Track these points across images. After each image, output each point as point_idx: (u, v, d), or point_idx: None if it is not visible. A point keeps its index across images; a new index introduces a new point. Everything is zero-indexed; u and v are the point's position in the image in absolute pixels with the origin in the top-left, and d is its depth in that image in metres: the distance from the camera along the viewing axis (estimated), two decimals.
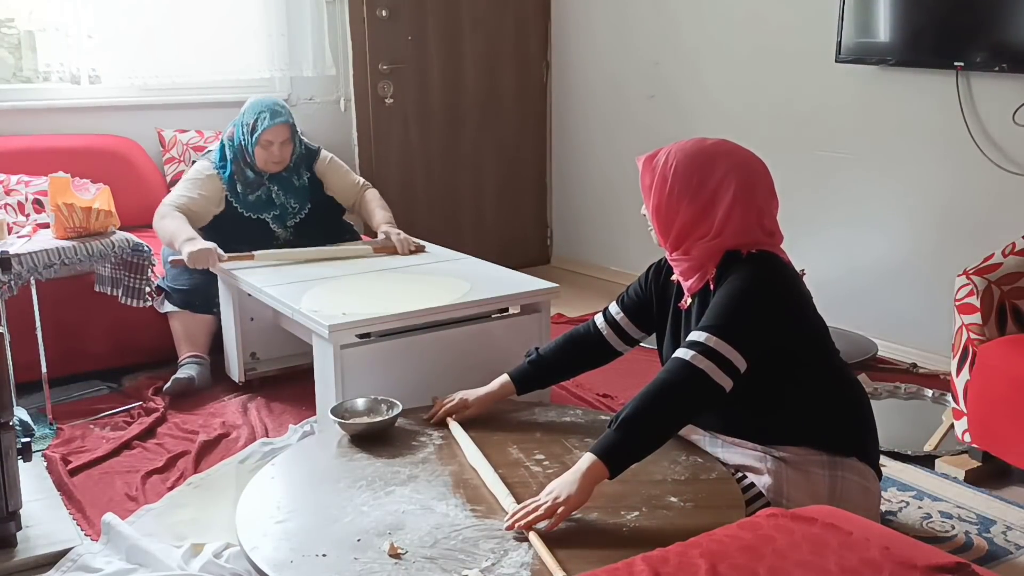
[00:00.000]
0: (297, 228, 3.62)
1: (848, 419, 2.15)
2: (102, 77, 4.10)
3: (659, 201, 2.10)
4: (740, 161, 2.10)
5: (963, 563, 1.44)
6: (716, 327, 1.95)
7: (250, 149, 3.48)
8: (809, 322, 2.12)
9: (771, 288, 2.03)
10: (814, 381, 2.11)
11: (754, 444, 2.14)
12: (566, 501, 1.82)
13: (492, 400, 2.38)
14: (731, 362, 1.93)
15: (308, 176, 3.65)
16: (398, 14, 4.78)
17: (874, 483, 2.17)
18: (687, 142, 2.13)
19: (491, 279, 3.20)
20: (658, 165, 2.10)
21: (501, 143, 5.24)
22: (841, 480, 2.08)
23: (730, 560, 1.46)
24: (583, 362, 2.45)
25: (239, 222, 3.54)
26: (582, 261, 5.21)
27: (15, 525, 2.38)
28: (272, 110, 3.48)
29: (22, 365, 2.81)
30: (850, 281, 3.93)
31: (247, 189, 3.54)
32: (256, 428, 3.10)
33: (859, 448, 2.14)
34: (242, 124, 3.50)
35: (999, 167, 3.38)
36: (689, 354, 1.93)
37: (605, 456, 1.87)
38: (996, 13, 3.30)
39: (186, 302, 3.47)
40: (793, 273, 2.11)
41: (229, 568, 2.24)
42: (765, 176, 2.12)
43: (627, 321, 2.36)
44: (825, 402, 2.12)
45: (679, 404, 1.94)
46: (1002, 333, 2.74)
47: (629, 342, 2.40)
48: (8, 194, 3.63)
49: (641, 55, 4.72)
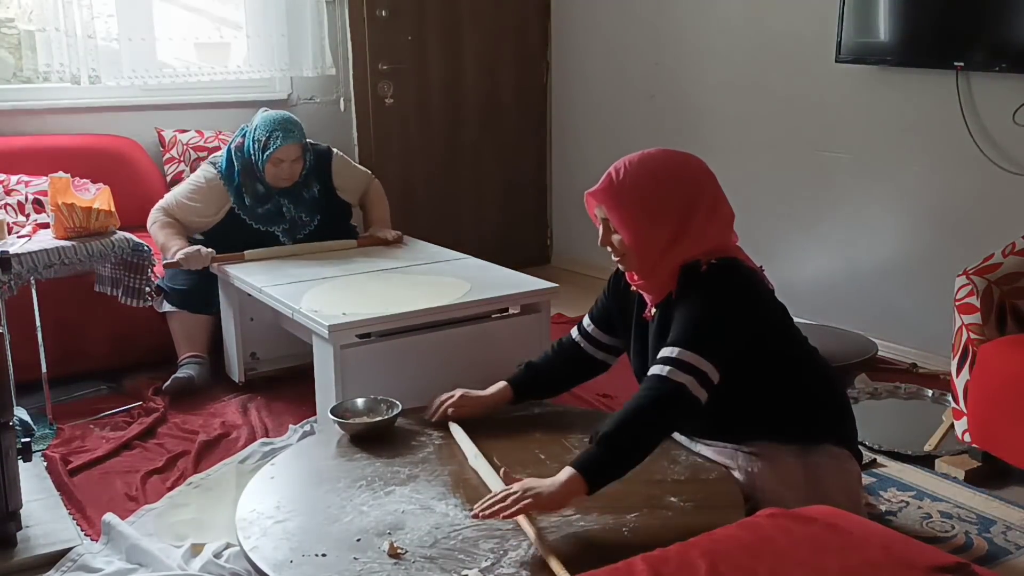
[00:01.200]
0: (306, 239, 3.60)
1: (817, 407, 2.17)
2: (102, 77, 4.09)
3: (640, 232, 2.08)
4: (696, 173, 2.12)
5: (963, 563, 1.44)
6: (688, 341, 1.97)
7: (260, 165, 3.46)
8: (772, 320, 2.14)
9: (738, 298, 2.05)
10: (780, 375, 2.13)
11: (724, 443, 2.16)
12: (535, 497, 1.82)
13: (489, 403, 2.38)
14: (706, 374, 1.95)
15: (318, 188, 3.62)
16: (398, 14, 4.78)
17: (852, 464, 2.18)
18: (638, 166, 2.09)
19: (491, 279, 3.20)
20: (622, 195, 2.07)
21: (501, 143, 5.24)
22: (815, 467, 2.10)
23: (730, 560, 1.46)
24: (575, 374, 2.46)
25: (248, 233, 3.52)
26: (582, 261, 5.21)
27: (15, 525, 2.38)
28: (285, 129, 3.43)
29: (22, 365, 2.81)
30: (850, 281, 3.93)
31: (256, 202, 3.52)
32: (256, 428, 3.10)
33: (831, 434, 2.16)
34: (253, 140, 3.46)
35: (999, 167, 3.38)
36: (666, 369, 1.95)
37: (585, 471, 1.87)
38: (996, 13, 3.30)
39: (184, 302, 3.47)
40: (754, 274, 2.13)
41: (229, 568, 2.24)
42: (715, 180, 2.14)
43: (599, 332, 2.39)
44: (793, 395, 2.14)
45: (659, 420, 1.96)
46: (1002, 333, 2.74)
47: (609, 351, 2.41)
48: (8, 194, 3.63)
49: (641, 55, 4.72)
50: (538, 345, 3.04)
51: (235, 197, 3.51)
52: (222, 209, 3.51)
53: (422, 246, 3.72)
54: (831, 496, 2.04)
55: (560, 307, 4.25)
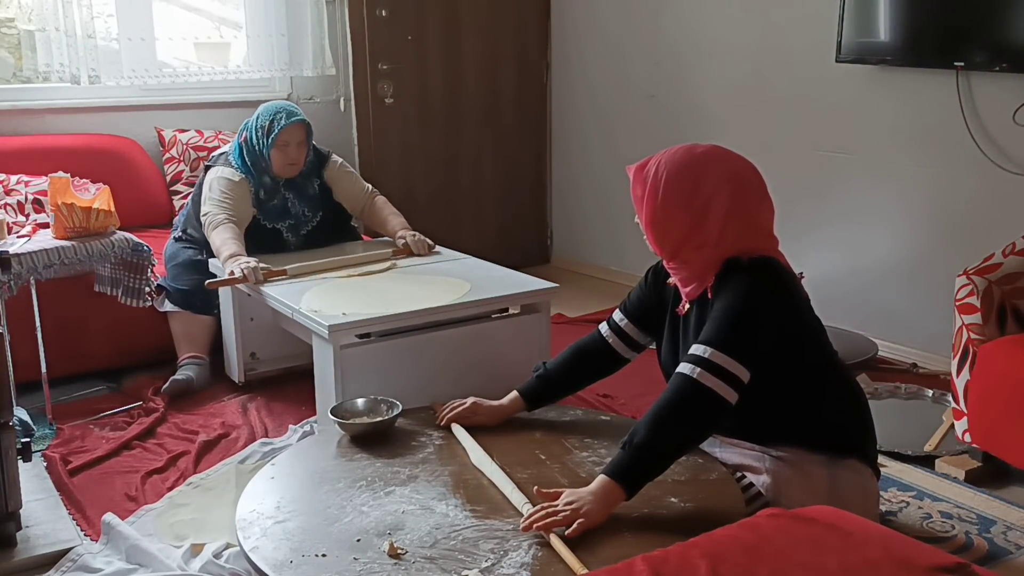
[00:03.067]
0: (308, 236, 3.60)
1: (846, 420, 2.15)
2: (102, 77, 4.09)
3: (652, 212, 2.08)
4: (732, 168, 2.09)
5: (963, 563, 1.44)
6: (719, 341, 1.94)
7: (266, 153, 3.43)
8: (807, 326, 2.12)
9: (771, 299, 2.02)
10: (812, 383, 2.11)
11: (752, 444, 2.14)
12: (587, 514, 1.81)
13: (504, 414, 2.35)
14: (736, 376, 1.92)
15: (318, 184, 3.62)
16: (398, 14, 4.78)
17: (872, 483, 2.17)
18: (678, 150, 2.10)
19: (491, 279, 3.20)
20: (649, 175, 2.08)
21: (501, 143, 5.24)
22: (840, 480, 2.08)
23: (730, 560, 1.46)
24: (591, 373, 2.42)
25: (255, 229, 3.48)
26: (582, 261, 5.21)
27: (15, 525, 2.38)
28: (288, 111, 3.45)
29: (22, 365, 2.81)
30: (850, 281, 3.93)
31: (267, 197, 3.51)
32: (256, 428, 3.10)
33: (857, 448, 2.15)
34: (256, 128, 3.44)
35: (999, 167, 3.38)
36: (696, 371, 1.92)
37: (621, 478, 1.87)
38: (996, 13, 3.30)
39: (187, 302, 3.47)
40: (791, 278, 2.10)
41: (229, 568, 2.24)
42: (758, 181, 2.11)
43: (632, 327, 2.34)
44: (823, 403, 2.12)
45: (690, 424, 1.94)
46: (1002, 333, 2.74)
47: (636, 348, 2.37)
48: (8, 194, 3.63)
49: (641, 55, 4.72)
50: (538, 345, 3.04)
51: (255, 192, 3.48)
52: (250, 204, 3.47)
53: None
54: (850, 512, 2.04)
55: (560, 307, 4.25)
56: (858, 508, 2.04)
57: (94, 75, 4.07)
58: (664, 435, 1.90)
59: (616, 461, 1.90)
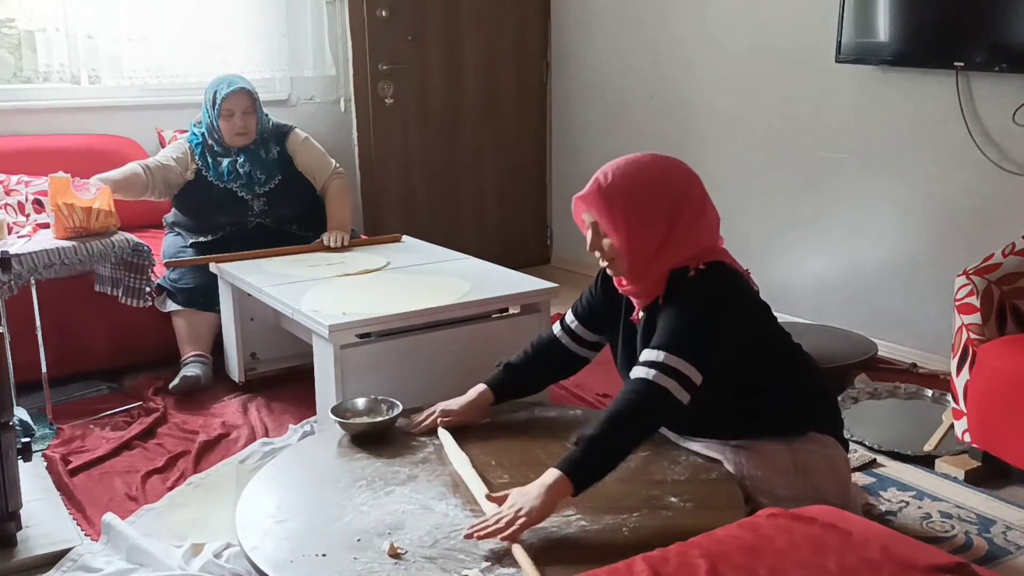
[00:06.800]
0: (269, 197, 3.69)
1: (800, 403, 2.19)
2: (102, 77, 4.09)
3: (632, 234, 2.06)
4: (683, 174, 2.12)
5: (963, 563, 1.44)
6: (671, 345, 1.98)
7: (215, 123, 3.63)
8: (759, 325, 2.16)
9: (725, 304, 2.06)
10: (765, 379, 2.15)
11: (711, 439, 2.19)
12: (528, 514, 1.82)
13: (472, 411, 2.35)
14: (689, 378, 1.96)
15: (278, 150, 3.74)
16: (398, 14, 4.78)
17: (838, 450, 2.20)
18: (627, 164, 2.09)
19: (491, 279, 3.20)
20: (613, 197, 2.06)
21: (501, 143, 5.24)
22: (801, 454, 2.12)
23: (730, 560, 1.46)
24: (554, 371, 2.47)
25: (210, 189, 3.65)
26: (582, 261, 5.20)
27: (15, 525, 2.38)
28: (229, 80, 3.65)
29: (22, 365, 2.81)
30: (850, 281, 3.93)
31: (216, 160, 3.67)
32: (256, 428, 3.10)
33: (812, 422, 2.18)
34: (205, 102, 3.66)
35: (999, 167, 3.38)
36: (651, 373, 1.96)
37: (571, 473, 1.88)
38: (996, 13, 3.30)
39: (190, 300, 3.48)
40: (740, 278, 2.14)
41: (229, 568, 2.24)
42: (700, 182, 2.14)
43: (583, 328, 2.39)
44: (776, 396, 2.16)
45: (642, 423, 1.98)
46: (1002, 333, 2.74)
47: (592, 347, 2.42)
48: (8, 194, 3.63)
49: (641, 55, 4.72)
50: None
51: (200, 156, 3.67)
52: (189, 167, 3.67)
53: (422, 246, 3.72)
54: (820, 481, 2.09)
55: (560, 307, 4.23)
56: (827, 476, 2.12)
57: (94, 75, 4.08)
58: (618, 434, 1.93)
59: (570, 457, 1.92)
